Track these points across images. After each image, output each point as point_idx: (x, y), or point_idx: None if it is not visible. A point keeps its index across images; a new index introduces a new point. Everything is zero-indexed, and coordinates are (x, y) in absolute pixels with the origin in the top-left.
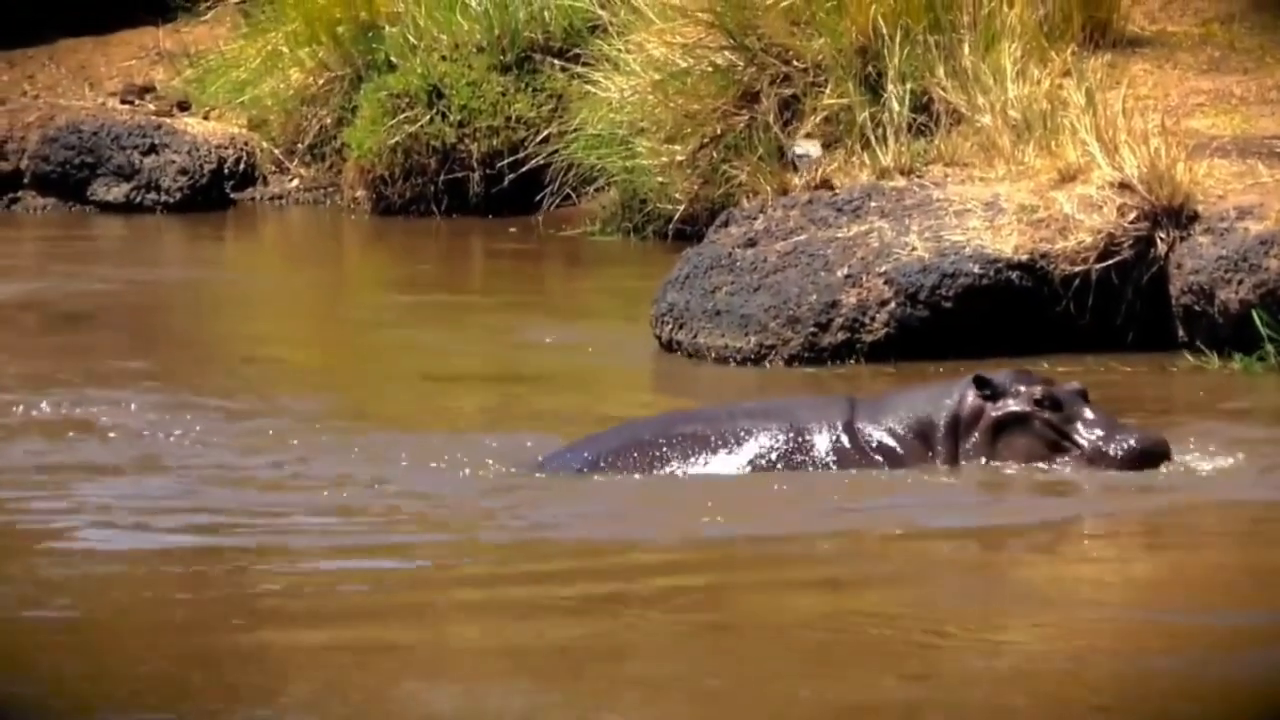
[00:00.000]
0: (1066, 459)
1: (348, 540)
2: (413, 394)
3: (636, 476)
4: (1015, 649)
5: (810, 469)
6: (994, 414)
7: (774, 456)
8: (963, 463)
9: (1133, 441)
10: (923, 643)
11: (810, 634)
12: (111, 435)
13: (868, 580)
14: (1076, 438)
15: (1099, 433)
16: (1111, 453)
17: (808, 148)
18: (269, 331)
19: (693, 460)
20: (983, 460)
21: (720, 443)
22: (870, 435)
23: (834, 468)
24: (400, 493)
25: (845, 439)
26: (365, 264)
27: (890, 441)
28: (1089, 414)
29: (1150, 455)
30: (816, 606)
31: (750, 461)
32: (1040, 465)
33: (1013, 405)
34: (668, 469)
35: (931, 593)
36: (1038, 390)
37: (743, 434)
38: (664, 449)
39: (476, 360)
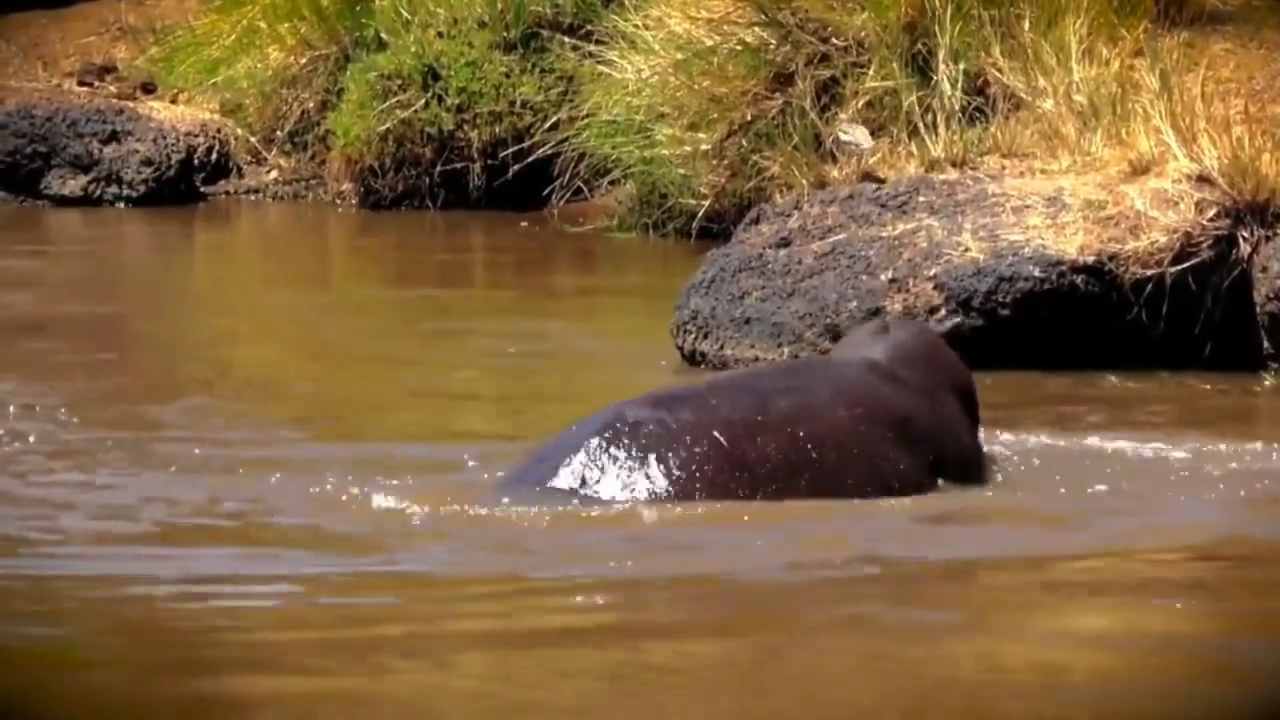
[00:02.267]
0: None
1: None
2: (401, 412)
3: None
4: None
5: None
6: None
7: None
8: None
9: None
10: None
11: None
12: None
13: None
14: None
15: None
16: None
17: (854, 133)
18: (236, 338)
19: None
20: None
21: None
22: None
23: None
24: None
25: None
26: (351, 264)
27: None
28: None
29: None
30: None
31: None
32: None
33: None
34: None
35: None
36: None
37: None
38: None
39: (473, 374)
